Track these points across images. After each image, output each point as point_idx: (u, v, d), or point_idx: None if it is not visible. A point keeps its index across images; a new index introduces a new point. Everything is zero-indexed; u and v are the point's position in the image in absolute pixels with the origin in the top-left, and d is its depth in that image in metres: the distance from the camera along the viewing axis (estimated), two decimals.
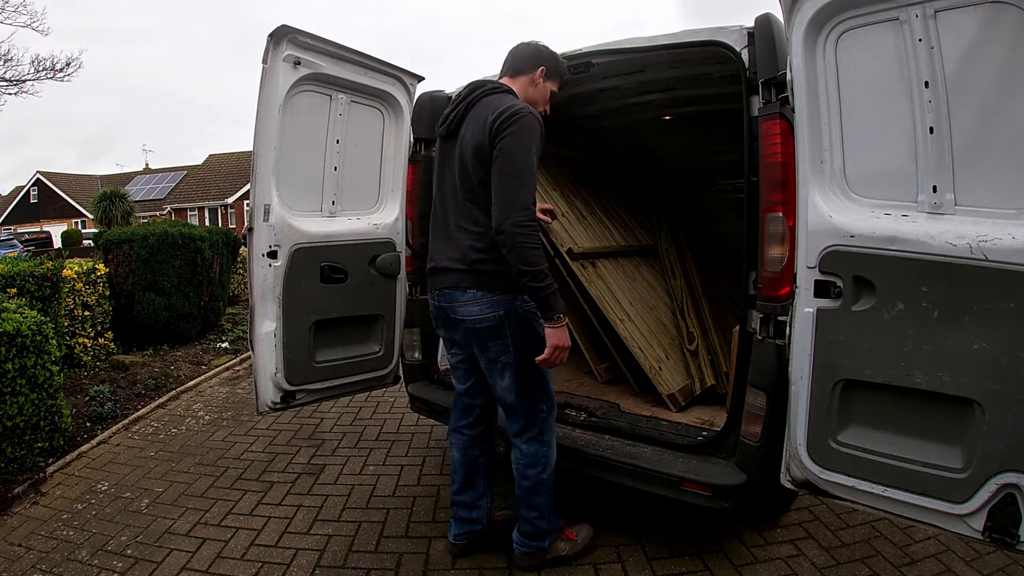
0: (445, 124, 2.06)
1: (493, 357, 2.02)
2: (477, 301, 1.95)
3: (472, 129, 1.93)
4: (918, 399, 1.57)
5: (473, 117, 1.95)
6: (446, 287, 2.02)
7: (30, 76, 12.52)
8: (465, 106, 1.99)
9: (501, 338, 1.98)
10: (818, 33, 1.66)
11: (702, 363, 2.83)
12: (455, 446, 2.27)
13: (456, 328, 2.06)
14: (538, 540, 2.15)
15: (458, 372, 2.23)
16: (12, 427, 2.89)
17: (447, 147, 2.06)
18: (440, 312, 2.10)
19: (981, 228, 1.46)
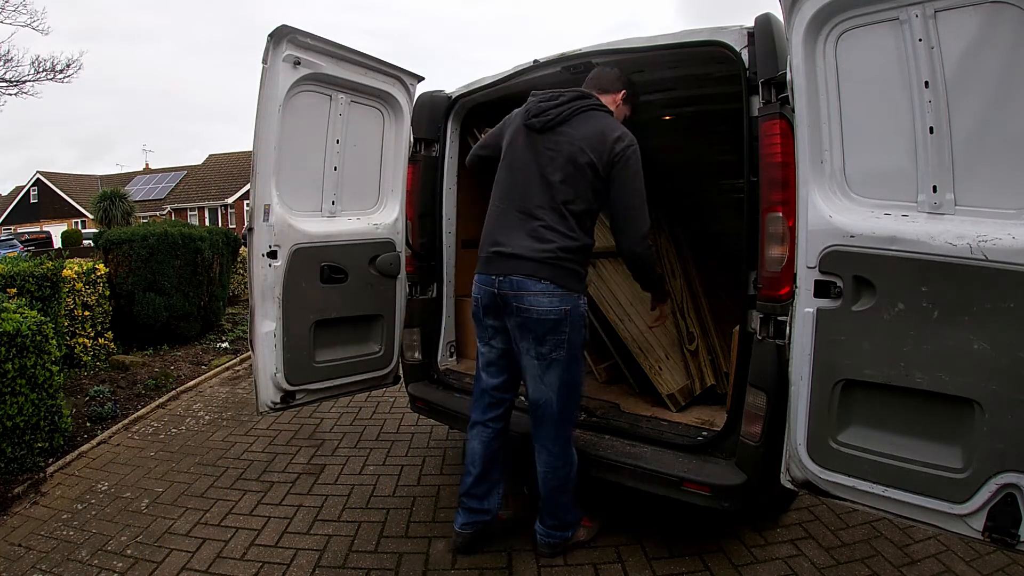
0: (541, 117, 2.06)
1: (546, 352, 2.03)
2: (548, 293, 1.99)
3: (585, 142, 2.01)
4: (918, 399, 1.57)
5: (582, 128, 2.03)
6: (516, 274, 2.01)
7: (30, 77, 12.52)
8: (571, 111, 2.05)
9: (560, 333, 2.02)
10: (818, 33, 1.66)
11: (702, 363, 2.82)
12: (477, 439, 2.24)
13: (511, 317, 2.05)
14: (563, 531, 2.24)
15: (493, 367, 2.20)
16: (12, 427, 2.89)
17: (537, 139, 2.08)
18: (496, 298, 2.06)
19: (981, 228, 1.46)
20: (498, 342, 2.17)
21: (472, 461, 2.24)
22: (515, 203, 2.08)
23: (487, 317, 2.14)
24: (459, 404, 2.72)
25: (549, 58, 2.59)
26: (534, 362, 2.06)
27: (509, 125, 2.21)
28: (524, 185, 2.08)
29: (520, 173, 2.10)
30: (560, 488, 2.15)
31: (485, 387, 2.24)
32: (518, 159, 2.11)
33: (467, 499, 2.24)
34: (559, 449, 2.12)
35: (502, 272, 2.05)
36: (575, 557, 2.25)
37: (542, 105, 2.08)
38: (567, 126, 2.05)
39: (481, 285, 2.12)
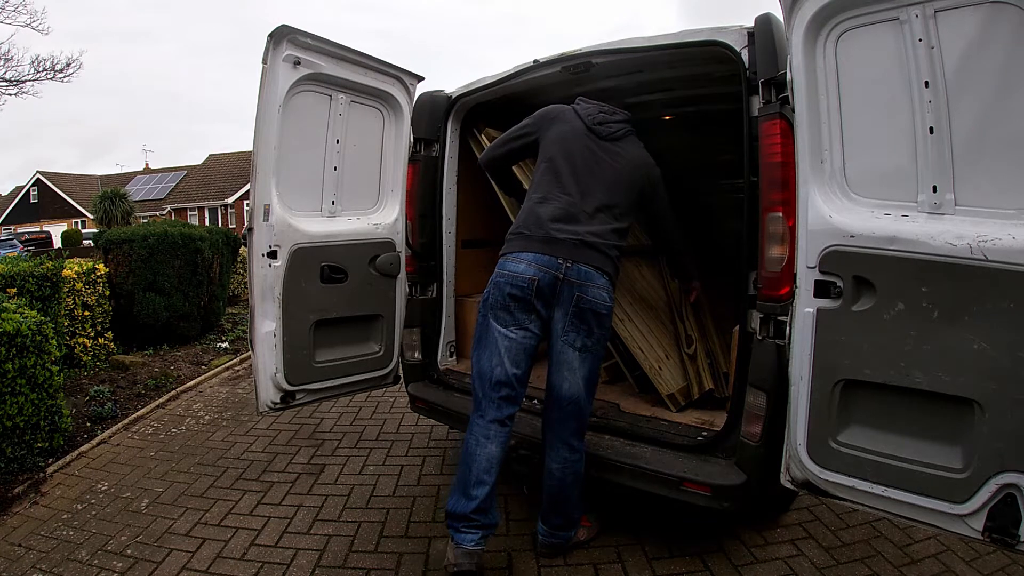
0: (605, 127, 2.24)
1: (591, 344, 2.06)
2: (608, 288, 2.08)
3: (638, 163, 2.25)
4: (918, 399, 1.57)
5: (632, 151, 2.26)
6: (587, 263, 2.04)
7: (30, 76, 12.54)
8: (624, 132, 2.28)
9: (605, 327, 2.09)
10: (818, 33, 1.66)
11: (700, 366, 2.81)
12: (496, 440, 2.04)
13: (566, 305, 2.01)
14: (567, 531, 2.23)
15: (521, 355, 2.05)
16: (12, 427, 2.89)
17: (600, 144, 2.21)
18: (559, 283, 2.00)
19: (981, 228, 1.46)
20: (535, 328, 2.05)
21: (489, 468, 2.01)
22: (581, 195, 2.12)
23: (538, 300, 2.01)
24: (459, 404, 2.72)
25: (549, 58, 2.59)
26: (576, 354, 2.03)
27: (556, 121, 2.25)
28: (589, 182, 2.15)
29: (584, 169, 2.16)
30: (574, 483, 2.15)
31: (503, 378, 2.03)
32: (581, 156, 2.17)
33: (478, 515, 1.99)
34: (578, 443, 2.14)
35: (572, 257, 2.02)
36: (575, 557, 2.25)
37: (604, 116, 2.25)
38: (623, 143, 2.25)
39: (540, 266, 2.01)
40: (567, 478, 2.13)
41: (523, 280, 2.02)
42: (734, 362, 2.13)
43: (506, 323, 2.05)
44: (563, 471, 2.12)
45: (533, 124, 2.30)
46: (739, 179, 2.11)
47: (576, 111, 2.26)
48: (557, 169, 2.17)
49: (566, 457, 2.12)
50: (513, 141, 2.35)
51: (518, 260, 2.05)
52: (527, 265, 2.03)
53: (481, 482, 2.00)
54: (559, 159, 2.18)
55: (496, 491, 2.08)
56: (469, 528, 1.99)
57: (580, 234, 2.05)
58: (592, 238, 2.06)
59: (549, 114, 2.29)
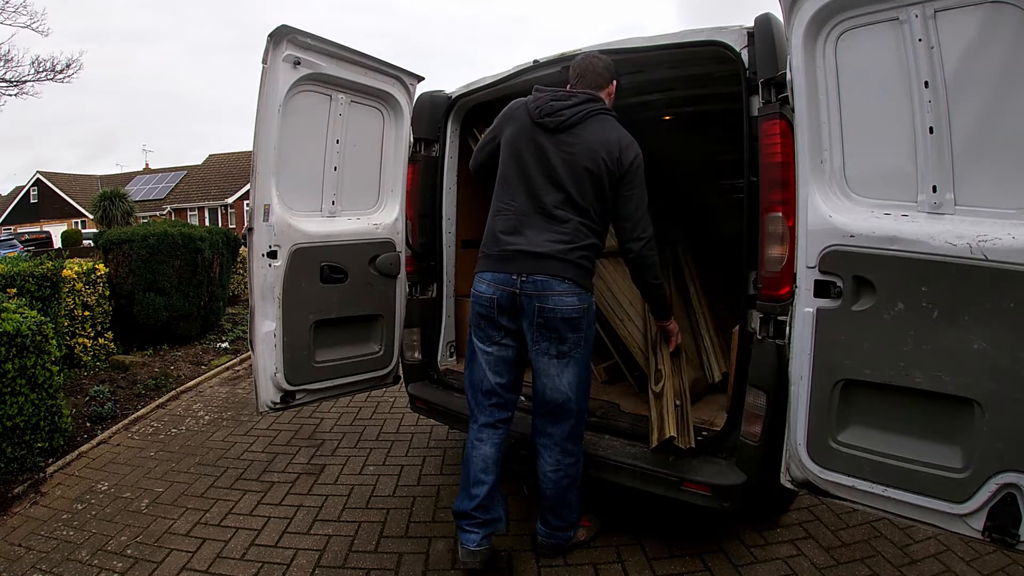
0: (554, 117, 2.03)
1: (566, 350, 2.03)
2: (573, 292, 2.00)
3: (600, 147, 2.00)
4: (918, 399, 1.57)
5: (595, 133, 2.02)
6: (541, 273, 1.99)
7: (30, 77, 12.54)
8: (583, 114, 2.03)
9: (579, 331, 2.04)
10: (818, 33, 1.66)
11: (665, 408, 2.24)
12: (489, 442, 2.13)
13: (530, 317, 2.01)
14: (566, 532, 2.23)
15: (501, 366, 2.12)
16: (12, 427, 2.89)
17: (550, 138, 2.04)
18: (517, 298, 2.01)
19: (981, 228, 1.46)
20: (509, 341, 2.11)
21: (485, 468, 2.11)
22: (530, 201, 2.04)
23: (501, 317, 2.06)
24: (459, 404, 2.72)
25: (549, 58, 2.59)
26: (553, 361, 2.04)
27: (510, 120, 2.14)
28: (539, 183, 2.04)
29: (534, 171, 2.05)
30: (570, 486, 2.15)
31: (489, 387, 2.14)
32: (530, 156, 2.06)
33: (479, 512, 2.07)
34: (572, 446, 2.13)
35: (524, 271, 2.01)
36: (575, 557, 2.25)
37: (554, 104, 2.04)
38: (580, 128, 2.03)
39: (496, 284, 2.05)
40: (562, 481, 2.13)
41: (485, 300, 2.09)
42: (734, 362, 2.13)
43: (482, 339, 2.15)
44: (557, 474, 2.12)
45: (495, 127, 2.20)
46: (739, 179, 2.11)
47: (526, 105, 2.10)
48: (507, 176, 2.10)
49: (559, 460, 2.12)
50: (485, 147, 2.25)
51: (480, 280, 2.12)
52: (487, 285, 2.08)
53: (480, 481, 2.09)
54: (509, 164, 2.10)
55: (497, 490, 2.14)
56: (472, 526, 2.07)
57: (533, 244, 2.00)
58: (547, 246, 1.99)
59: (506, 113, 2.17)
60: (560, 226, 2.01)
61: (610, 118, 2.09)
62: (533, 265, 2.00)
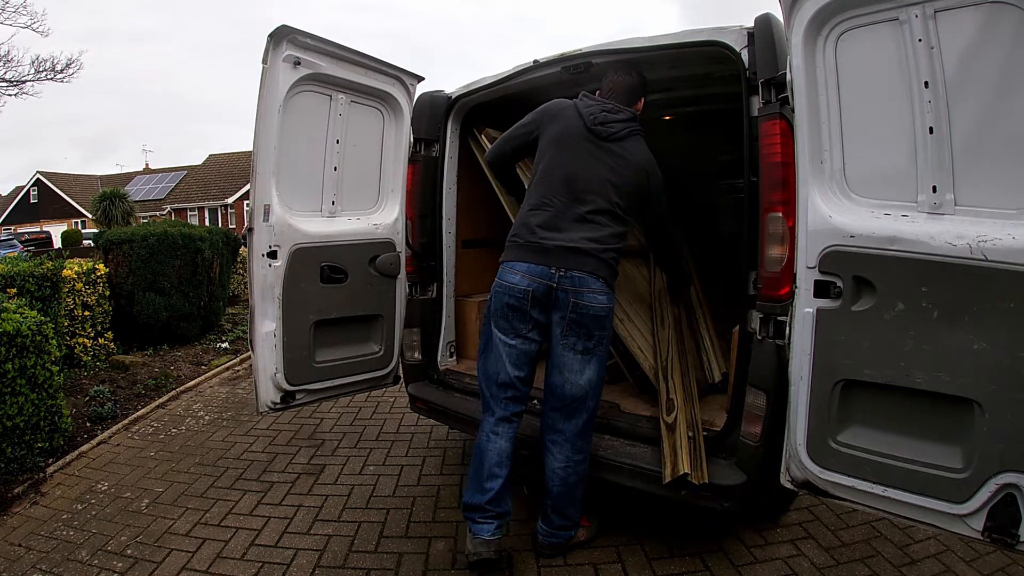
0: (607, 127, 2.15)
1: (591, 346, 2.08)
2: (604, 291, 2.07)
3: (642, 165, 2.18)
4: (918, 399, 1.57)
5: (636, 151, 2.18)
6: (579, 269, 2.05)
7: (30, 77, 12.54)
8: (628, 131, 2.18)
9: (605, 328, 2.11)
10: (818, 33, 1.66)
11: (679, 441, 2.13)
12: (505, 436, 2.14)
13: (562, 311, 2.05)
14: (568, 531, 2.23)
15: (522, 358, 2.13)
16: (12, 427, 2.89)
17: (599, 144, 2.15)
18: (552, 292, 2.04)
19: (981, 228, 1.46)
20: (535, 335, 2.12)
21: (500, 462, 2.11)
22: (572, 201, 2.10)
23: (533, 309, 2.07)
24: (459, 404, 2.72)
25: (549, 58, 2.59)
26: (578, 357, 2.08)
27: (555, 119, 2.20)
28: (585, 184, 2.11)
29: (580, 173, 2.12)
30: (577, 484, 2.16)
31: (507, 379, 2.12)
32: (578, 159, 2.14)
33: (491, 506, 2.08)
34: (583, 443, 2.15)
35: (563, 265, 2.05)
36: (575, 557, 2.25)
37: (606, 115, 2.16)
38: (626, 143, 2.16)
39: (533, 276, 2.06)
40: (570, 478, 2.13)
41: (518, 292, 2.08)
42: (734, 362, 2.13)
43: (505, 331, 2.13)
44: (566, 471, 2.13)
45: (534, 121, 2.26)
46: (739, 179, 2.11)
47: (577, 108, 2.19)
48: (551, 173, 2.15)
49: (569, 457, 2.13)
50: (516, 139, 2.32)
51: (513, 271, 2.11)
52: (521, 276, 2.08)
53: (493, 475, 2.10)
54: (555, 162, 2.15)
55: (510, 484, 2.15)
56: (485, 519, 2.08)
57: (572, 240, 2.06)
58: (585, 243, 2.05)
59: (551, 111, 2.24)
60: (595, 228, 2.09)
61: (642, 139, 2.24)
62: (572, 260, 2.05)
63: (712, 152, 3.78)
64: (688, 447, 2.10)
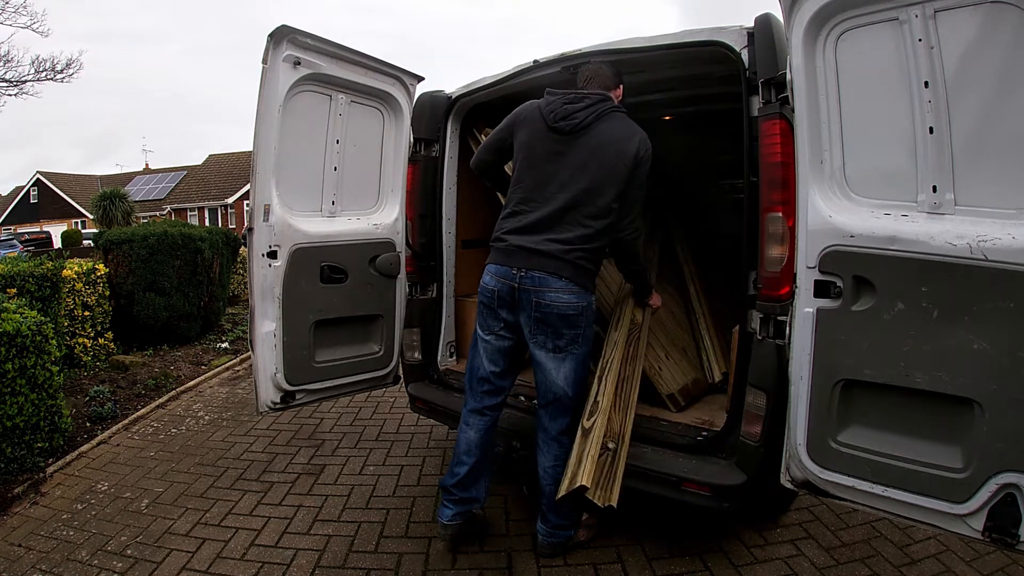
0: (569, 120, 2.09)
1: (563, 345, 2.10)
2: (569, 290, 2.07)
3: (615, 144, 2.08)
4: (918, 399, 1.57)
5: (610, 130, 2.09)
6: (539, 270, 2.07)
7: (30, 77, 12.55)
8: (596, 114, 2.10)
9: (576, 327, 2.10)
10: (818, 33, 1.66)
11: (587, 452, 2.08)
12: (475, 427, 2.25)
13: (528, 311, 2.09)
14: (567, 531, 2.24)
15: (497, 355, 2.22)
16: (12, 427, 2.89)
17: (563, 140, 2.11)
18: (515, 292, 2.10)
19: (981, 228, 1.46)
20: (506, 333, 2.19)
21: (467, 451, 2.23)
22: (542, 202, 2.11)
23: (501, 309, 2.16)
24: (459, 404, 2.71)
25: (549, 58, 2.59)
26: (551, 356, 2.11)
27: (523, 123, 2.19)
28: (552, 188, 2.10)
29: (545, 174, 2.12)
30: None
31: (484, 374, 2.24)
32: (545, 161, 2.13)
33: (456, 490, 2.21)
34: (569, 440, 2.16)
35: (524, 266, 2.09)
36: (575, 557, 2.25)
37: (568, 108, 2.10)
38: (594, 128, 2.09)
39: (498, 277, 2.14)
40: (561, 476, 2.13)
41: (488, 291, 2.19)
42: (734, 362, 2.13)
43: (483, 327, 2.26)
44: (556, 470, 2.14)
45: (506, 127, 2.26)
46: (739, 179, 2.11)
47: (540, 109, 2.16)
48: (521, 179, 2.17)
49: (558, 456, 2.15)
50: (492, 147, 2.32)
51: (487, 272, 2.21)
52: (490, 277, 2.18)
53: (460, 462, 2.24)
54: (523, 167, 2.17)
55: (480, 472, 2.25)
56: (448, 501, 2.24)
57: (535, 243, 2.08)
58: (546, 245, 2.06)
59: (519, 115, 2.23)
60: (561, 229, 2.08)
61: (621, 114, 2.16)
62: (533, 261, 2.08)
63: (712, 152, 3.78)
64: (596, 461, 2.03)
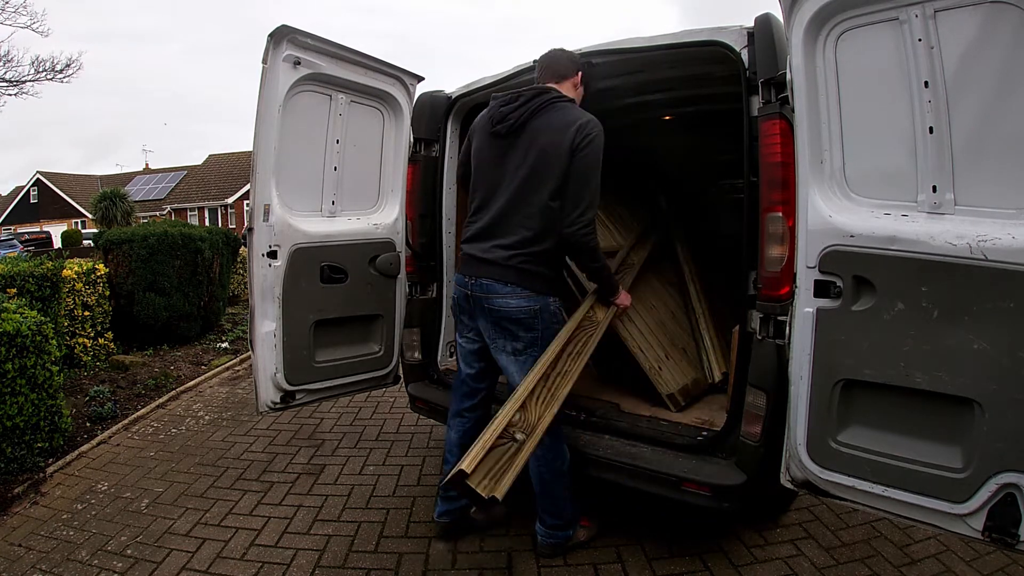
0: (504, 123, 2.09)
1: (521, 347, 2.12)
2: (517, 295, 2.08)
3: (547, 137, 2.03)
4: (918, 399, 1.57)
5: (545, 124, 2.05)
6: (485, 277, 2.11)
7: (30, 77, 12.56)
8: (531, 111, 2.06)
9: (532, 330, 2.11)
10: (818, 33, 1.66)
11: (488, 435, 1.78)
12: (454, 428, 2.34)
13: (483, 317, 2.15)
14: (564, 531, 2.24)
15: (469, 357, 2.30)
16: (12, 427, 2.89)
17: (503, 144, 2.12)
18: (469, 299, 2.17)
19: (981, 228, 1.46)
20: (473, 336, 2.26)
21: (450, 450, 2.33)
22: (488, 210, 2.14)
23: (463, 315, 2.25)
24: None
25: None
26: (511, 358, 2.14)
27: (475, 132, 2.25)
28: (493, 192, 2.13)
29: (490, 180, 2.15)
30: (553, 481, 2.16)
31: (462, 377, 2.33)
32: (487, 166, 2.17)
33: (444, 489, 2.29)
34: (548, 439, 2.12)
35: (474, 274, 2.15)
36: (575, 557, 2.25)
37: (503, 110, 2.11)
38: (530, 125, 2.06)
39: (457, 285, 2.25)
40: (545, 476, 2.15)
41: (453, 299, 2.31)
42: (734, 362, 2.13)
43: (457, 332, 2.37)
44: (539, 469, 2.15)
45: (467, 138, 2.31)
46: (739, 179, 2.11)
47: (486, 115, 2.19)
48: (476, 190, 2.22)
49: (539, 455, 2.13)
50: (462, 161, 2.40)
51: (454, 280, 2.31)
52: (455, 285, 2.28)
53: (445, 461, 2.38)
54: (476, 176, 2.22)
55: None
56: (439, 497, 2.37)
57: (483, 251, 2.13)
58: (490, 252, 2.10)
59: (474, 125, 2.27)
60: (507, 233, 2.09)
61: (564, 104, 2.09)
62: (480, 269, 2.13)
63: (712, 152, 3.78)
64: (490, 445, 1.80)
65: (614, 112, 3.37)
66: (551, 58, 2.21)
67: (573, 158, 2.00)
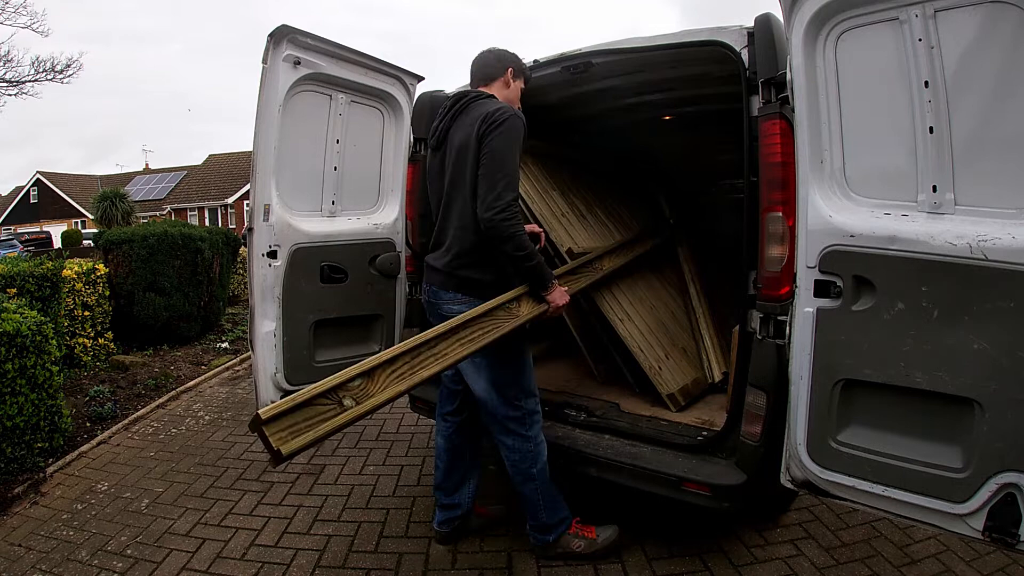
0: (434, 137, 2.19)
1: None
2: (460, 301, 2.08)
3: (460, 138, 2.05)
4: (918, 399, 1.56)
5: (458, 126, 2.09)
6: (435, 284, 2.17)
7: (30, 77, 12.56)
8: (451, 117, 2.12)
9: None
10: (818, 33, 1.66)
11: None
12: (440, 433, 2.37)
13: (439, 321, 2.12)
14: (543, 534, 2.22)
15: None
16: (12, 427, 2.89)
17: (436, 156, 2.20)
18: (431, 305, 2.23)
19: (981, 228, 1.46)
20: None
21: (438, 455, 2.36)
22: (436, 220, 2.20)
23: (432, 319, 2.23)
24: None
25: (549, 58, 2.59)
26: (467, 362, 2.08)
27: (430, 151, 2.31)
28: (437, 204, 2.19)
29: (434, 193, 2.22)
30: (522, 483, 2.16)
31: (444, 380, 2.34)
32: (431, 180, 2.24)
33: (439, 493, 2.34)
34: (512, 441, 2.15)
35: (428, 282, 2.21)
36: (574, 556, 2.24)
37: (433, 125, 2.20)
38: (450, 131, 2.12)
39: (423, 292, 2.29)
40: (516, 477, 2.17)
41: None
42: (734, 362, 2.13)
43: None
44: (510, 470, 2.17)
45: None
46: (739, 179, 2.11)
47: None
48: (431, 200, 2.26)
49: (507, 456, 2.18)
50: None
51: None
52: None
53: (436, 466, 2.39)
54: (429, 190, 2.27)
55: (456, 479, 2.33)
56: (437, 505, 2.38)
57: (433, 259, 2.19)
58: (437, 261, 2.15)
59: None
60: (445, 241, 2.13)
61: (481, 101, 2.07)
62: (431, 277, 2.19)
63: (712, 152, 3.78)
64: (300, 401, 1.68)
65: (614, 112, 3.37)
66: (478, 62, 2.21)
67: (480, 145, 1.95)
